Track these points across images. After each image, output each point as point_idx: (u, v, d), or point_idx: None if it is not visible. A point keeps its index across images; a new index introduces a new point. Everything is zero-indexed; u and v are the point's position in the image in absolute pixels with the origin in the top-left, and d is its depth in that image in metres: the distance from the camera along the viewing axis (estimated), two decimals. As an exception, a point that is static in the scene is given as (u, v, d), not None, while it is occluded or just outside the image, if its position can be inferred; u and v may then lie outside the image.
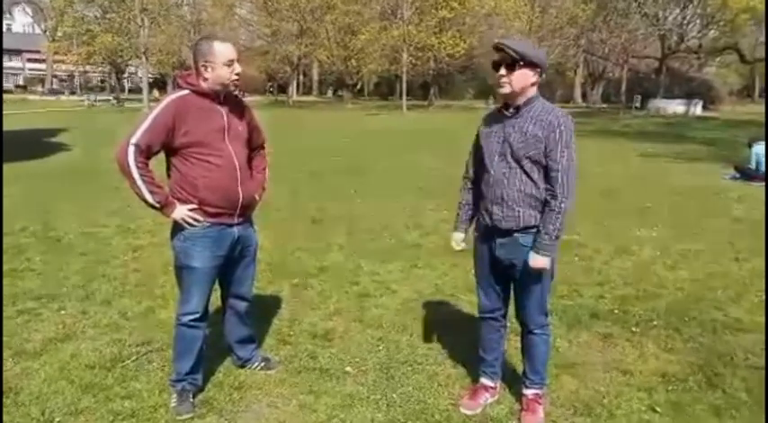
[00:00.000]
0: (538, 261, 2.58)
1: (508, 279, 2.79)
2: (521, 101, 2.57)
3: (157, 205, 2.68)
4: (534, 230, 2.60)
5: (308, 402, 2.95)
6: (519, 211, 2.58)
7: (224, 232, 2.82)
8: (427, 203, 7.80)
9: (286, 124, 21.31)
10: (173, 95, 2.71)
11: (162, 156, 2.76)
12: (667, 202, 8.19)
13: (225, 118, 2.75)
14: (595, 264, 5.21)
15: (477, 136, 2.76)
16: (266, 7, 41.53)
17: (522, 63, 2.50)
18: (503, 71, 2.52)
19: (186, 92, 2.70)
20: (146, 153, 2.62)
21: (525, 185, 2.56)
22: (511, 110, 2.60)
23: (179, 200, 2.73)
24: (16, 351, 3.40)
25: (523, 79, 2.53)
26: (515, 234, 2.62)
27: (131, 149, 2.58)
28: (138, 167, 2.59)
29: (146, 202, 2.67)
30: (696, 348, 3.58)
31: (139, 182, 2.60)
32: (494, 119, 2.69)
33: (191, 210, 2.72)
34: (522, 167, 2.55)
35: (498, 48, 2.54)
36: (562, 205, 2.52)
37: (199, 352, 2.92)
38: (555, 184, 2.53)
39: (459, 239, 2.88)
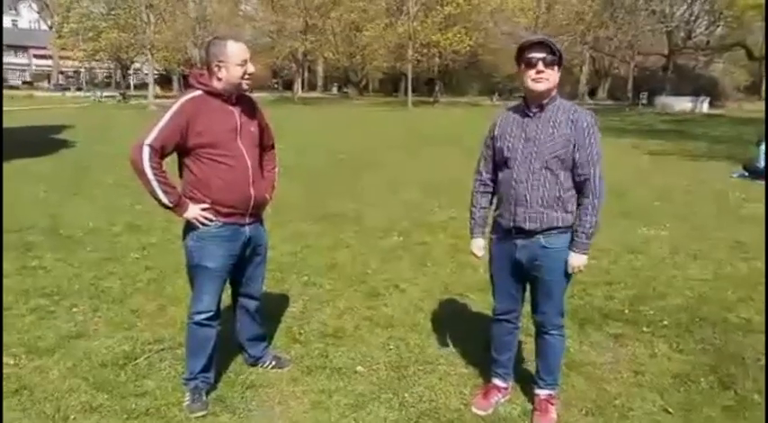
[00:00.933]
0: (578, 259, 2.60)
1: (525, 281, 2.78)
2: (546, 99, 2.56)
3: (171, 205, 2.69)
4: (556, 232, 2.60)
5: (320, 401, 2.96)
6: (543, 212, 2.57)
7: (236, 232, 2.83)
8: (435, 201, 7.80)
9: (292, 121, 21.31)
10: (186, 96, 2.71)
11: (174, 155, 2.77)
12: (675, 200, 8.17)
13: (237, 118, 2.76)
14: (604, 263, 5.20)
15: (493, 137, 2.72)
16: (271, 3, 41.53)
17: (559, 61, 2.51)
18: (541, 67, 2.49)
19: (199, 92, 2.71)
20: (160, 153, 2.63)
21: (550, 186, 2.55)
22: (534, 109, 2.58)
23: (192, 200, 2.74)
24: (30, 348, 3.43)
25: (557, 78, 2.54)
26: (537, 235, 2.61)
27: (146, 150, 2.59)
28: (152, 168, 2.60)
29: (159, 201, 2.68)
30: (707, 349, 3.58)
31: (154, 182, 2.62)
32: (513, 118, 2.66)
33: (203, 209, 2.74)
34: (547, 167, 2.53)
35: (539, 44, 2.51)
36: (596, 202, 2.55)
37: (211, 350, 2.93)
38: (587, 183, 2.54)
39: (480, 245, 2.84)
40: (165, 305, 4.14)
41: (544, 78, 2.50)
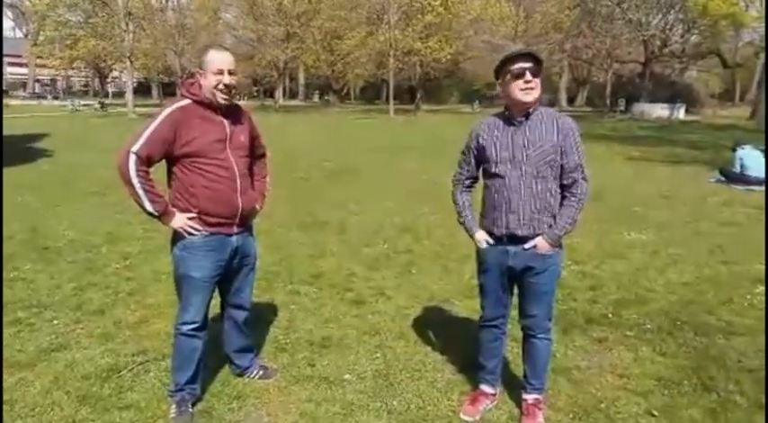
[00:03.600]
0: (543, 246, 2.63)
1: (513, 286, 2.81)
2: (529, 108, 2.60)
3: (156, 214, 2.66)
4: None
5: (308, 411, 2.95)
6: (535, 218, 2.61)
7: (223, 242, 2.81)
8: (419, 208, 7.83)
9: (274, 129, 21.23)
10: (174, 105, 2.69)
11: (163, 162, 2.75)
12: (655, 205, 8.29)
13: (227, 128, 2.75)
14: (588, 268, 5.26)
15: (477, 145, 2.74)
16: (252, 12, 41.42)
17: (540, 71, 2.56)
18: (529, 77, 2.54)
19: (187, 102, 2.69)
20: (146, 162, 2.61)
21: (541, 192, 2.59)
22: (519, 117, 2.62)
23: (178, 208, 2.72)
24: (10, 362, 3.36)
25: (540, 86, 2.59)
26: (529, 241, 2.64)
27: (132, 158, 2.57)
28: (138, 176, 2.58)
29: (145, 210, 2.65)
30: (690, 352, 3.63)
31: (140, 191, 2.59)
32: (498, 126, 2.69)
33: (190, 218, 2.71)
34: (538, 174, 2.58)
35: (525, 56, 2.55)
36: (581, 203, 2.61)
37: (198, 361, 2.90)
38: (575, 184, 2.60)
39: (485, 236, 2.76)
40: (148, 316, 4.09)
41: (533, 88, 2.55)
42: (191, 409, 2.87)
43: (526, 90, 2.55)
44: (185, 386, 2.89)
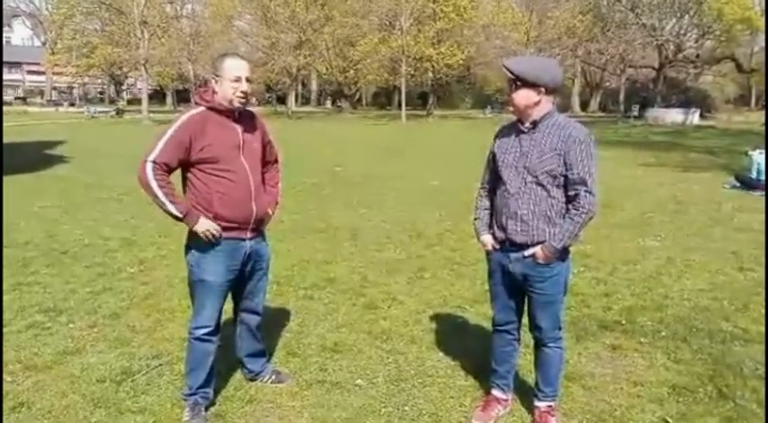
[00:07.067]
0: (539, 255, 2.60)
1: (522, 292, 2.79)
2: (534, 117, 2.59)
3: (181, 215, 2.68)
4: None
5: (320, 415, 2.95)
6: (533, 226, 2.60)
7: (237, 246, 2.84)
8: (430, 214, 7.82)
9: (287, 135, 21.35)
10: (189, 113, 2.74)
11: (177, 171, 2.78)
12: (669, 211, 8.22)
13: (240, 134, 2.78)
14: (601, 274, 5.22)
15: (492, 148, 2.77)
16: (265, 19, 41.73)
17: (518, 83, 2.53)
18: (507, 90, 2.59)
19: (202, 109, 2.73)
20: (163, 169, 2.65)
21: (540, 200, 2.58)
22: (527, 125, 2.62)
23: (193, 214, 2.75)
24: (27, 365, 3.40)
25: (525, 99, 2.55)
26: (529, 249, 2.63)
27: (149, 167, 2.62)
28: (157, 181, 2.62)
29: (169, 213, 2.69)
30: (705, 359, 3.59)
31: (161, 195, 2.63)
32: (510, 132, 2.71)
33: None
34: (538, 182, 2.56)
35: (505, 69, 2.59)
36: (582, 217, 2.55)
37: (211, 366, 2.93)
38: (577, 198, 2.54)
39: (490, 240, 2.80)
40: (162, 320, 4.12)
41: (510, 102, 2.61)
42: (204, 413, 2.88)
43: (509, 103, 2.62)
44: (198, 390, 2.91)
